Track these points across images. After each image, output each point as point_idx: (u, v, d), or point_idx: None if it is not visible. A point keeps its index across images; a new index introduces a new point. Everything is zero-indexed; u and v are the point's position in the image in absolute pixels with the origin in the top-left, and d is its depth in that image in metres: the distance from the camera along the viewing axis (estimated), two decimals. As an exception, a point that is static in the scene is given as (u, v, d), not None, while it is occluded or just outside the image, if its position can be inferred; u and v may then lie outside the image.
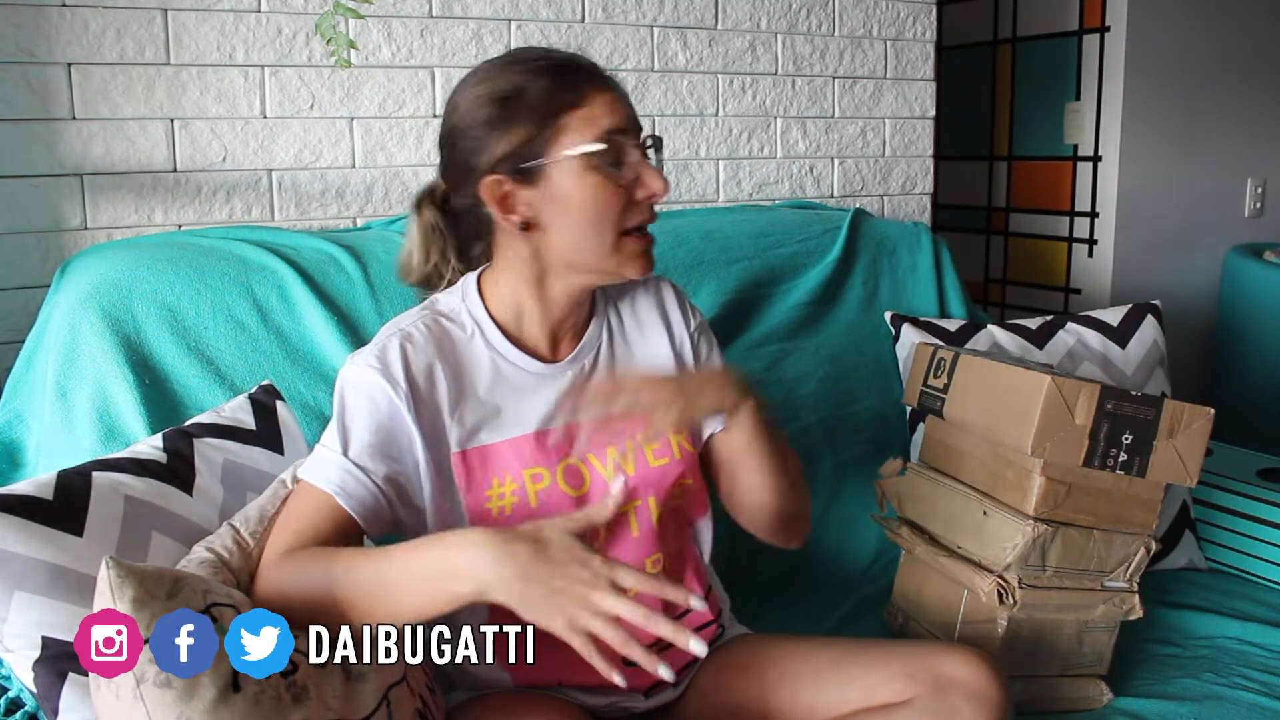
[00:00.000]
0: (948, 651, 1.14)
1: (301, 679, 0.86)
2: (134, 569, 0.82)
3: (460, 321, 1.11)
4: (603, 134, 1.03)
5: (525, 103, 1.03)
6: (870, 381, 1.85)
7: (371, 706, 0.92)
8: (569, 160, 1.02)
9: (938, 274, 2.01)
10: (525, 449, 1.09)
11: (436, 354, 1.07)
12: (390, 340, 1.05)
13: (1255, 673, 1.43)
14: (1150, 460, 1.29)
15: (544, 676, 1.10)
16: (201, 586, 0.86)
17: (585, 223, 1.05)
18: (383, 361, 1.04)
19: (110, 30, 1.52)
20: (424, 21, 1.73)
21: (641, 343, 1.20)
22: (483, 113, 1.04)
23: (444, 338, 1.09)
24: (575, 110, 1.03)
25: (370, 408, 1.03)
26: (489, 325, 1.10)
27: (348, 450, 1.01)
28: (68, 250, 1.52)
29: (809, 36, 2.10)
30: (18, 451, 1.37)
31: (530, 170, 1.03)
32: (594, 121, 1.03)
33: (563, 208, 1.04)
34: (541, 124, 1.02)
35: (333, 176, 1.70)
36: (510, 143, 1.03)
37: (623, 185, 1.05)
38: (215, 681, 0.81)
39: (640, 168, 1.06)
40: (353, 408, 1.03)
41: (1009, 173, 3.01)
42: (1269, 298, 2.68)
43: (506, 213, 1.05)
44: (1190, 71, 2.78)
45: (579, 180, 1.03)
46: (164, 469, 1.07)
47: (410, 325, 1.08)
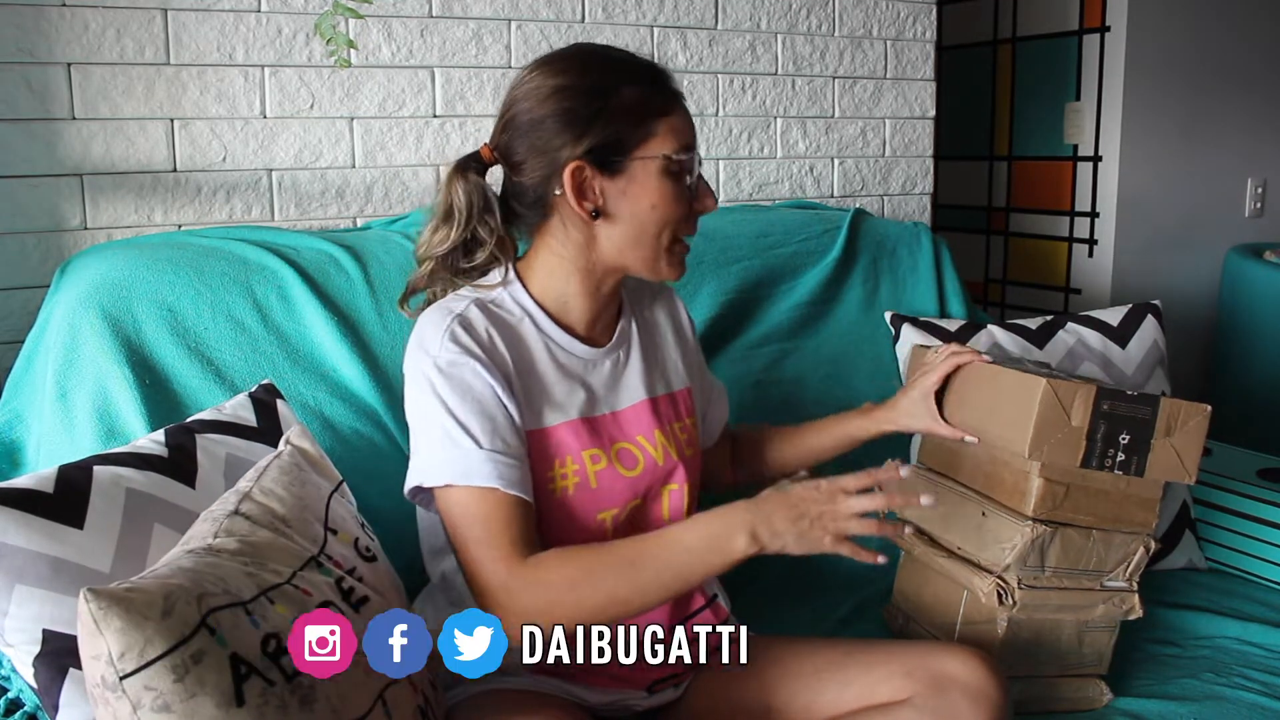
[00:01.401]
0: (947, 651, 1.14)
1: (308, 678, 0.84)
2: (118, 597, 0.77)
3: (506, 307, 1.14)
4: (683, 145, 1.11)
5: (620, 100, 1.08)
6: (870, 381, 1.85)
7: (365, 708, 0.90)
8: (654, 161, 1.09)
9: (938, 274, 2.01)
10: (582, 431, 1.13)
11: (496, 332, 1.10)
12: (454, 326, 1.08)
13: (1255, 673, 1.43)
14: (1148, 459, 1.29)
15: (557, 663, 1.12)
16: (196, 592, 0.81)
17: (653, 221, 1.11)
18: (458, 343, 1.06)
19: (110, 30, 1.52)
20: (424, 21, 1.73)
21: (664, 342, 1.28)
22: (568, 103, 1.08)
23: (496, 318, 1.12)
24: (665, 118, 1.10)
25: (475, 395, 1.05)
26: (537, 310, 1.15)
27: (480, 443, 1.04)
28: (68, 250, 1.52)
29: (809, 36, 2.10)
30: (18, 451, 1.37)
31: (615, 163, 1.09)
32: (679, 133, 1.11)
33: (636, 203, 1.10)
34: (636, 123, 1.09)
35: (333, 176, 1.70)
36: (602, 135, 1.08)
37: (686, 196, 1.12)
38: (215, 698, 0.78)
39: (701, 183, 1.15)
40: (457, 402, 1.05)
41: (1009, 173, 3.01)
42: (1269, 298, 2.68)
43: (581, 199, 1.09)
44: (1190, 71, 2.78)
45: (657, 182, 1.10)
46: (166, 463, 1.07)
47: (461, 309, 1.10)
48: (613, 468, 1.13)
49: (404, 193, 1.75)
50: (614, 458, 1.14)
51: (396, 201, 1.75)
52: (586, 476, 1.12)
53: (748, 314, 1.81)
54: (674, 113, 1.11)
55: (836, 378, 1.83)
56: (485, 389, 1.06)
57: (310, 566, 0.93)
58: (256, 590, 0.86)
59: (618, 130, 1.08)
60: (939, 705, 1.08)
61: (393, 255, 1.54)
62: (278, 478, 1.00)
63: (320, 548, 0.97)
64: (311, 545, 0.96)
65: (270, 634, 0.84)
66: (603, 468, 1.13)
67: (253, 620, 0.83)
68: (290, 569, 0.91)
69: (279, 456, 1.04)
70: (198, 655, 0.78)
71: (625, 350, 1.21)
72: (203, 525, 0.94)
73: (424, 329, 1.09)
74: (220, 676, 0.79)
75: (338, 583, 0.95)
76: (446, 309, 1.10)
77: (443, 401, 1.05)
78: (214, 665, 0.79)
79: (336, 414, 1.41)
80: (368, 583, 0.99)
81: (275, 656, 0.83)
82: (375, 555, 1.04)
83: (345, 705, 0.87)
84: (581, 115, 1.08)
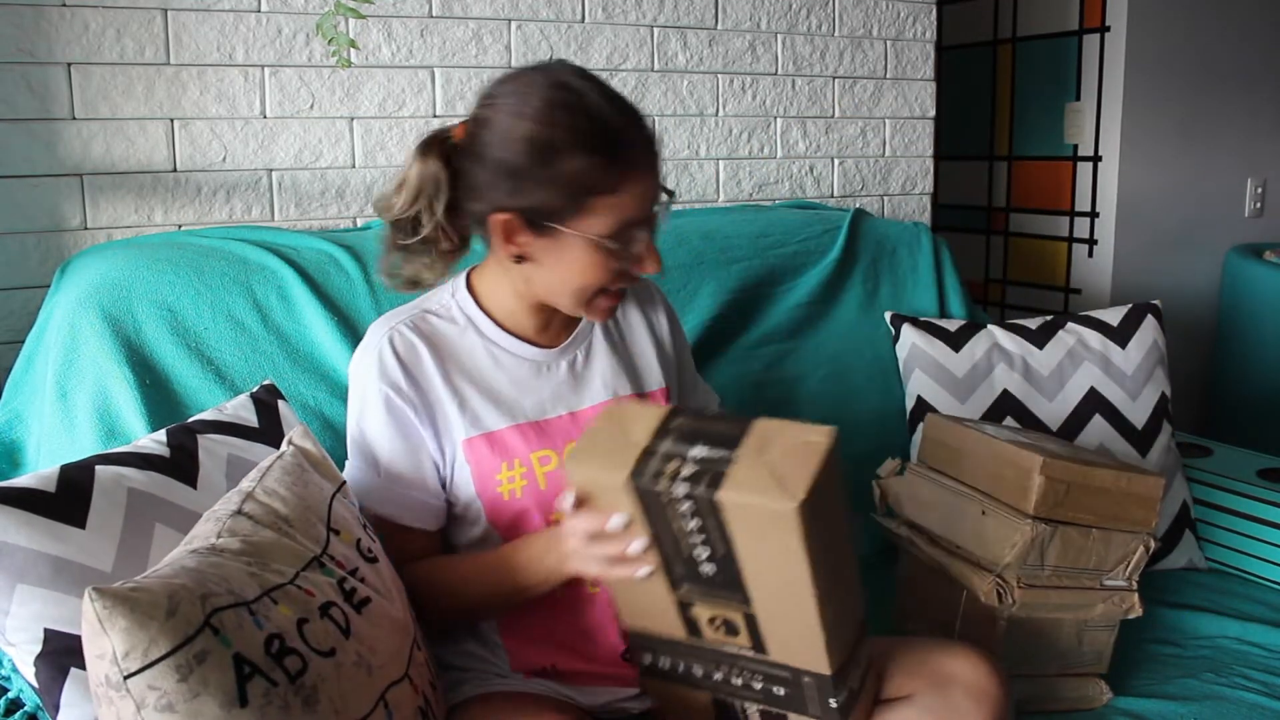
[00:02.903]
0: (948, 649, 1.14)
1: (312, 678, 0.85)
2: (123, 596, 0.78)
3: (450, 316, 1.16)
4: (622, 225, 1.06)
5: (563, 168, 1.02)
6: (870, 381, 1.85)
7: (367, 708, 0.90)
8: (583, 238, 1.05)
9: (938, 274, 2.01)
10: (530, 434, 1.13)
11: (425, 347, 1.12)
12: (383, 345, 1.11)
13: (1255, 673, 1.43)
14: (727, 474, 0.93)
15: (539, 660, 1.16)
16: (200, 592, 0.81)
17: (570, 282, 1.09)
18: (382, 370, 1.10)
19: (110, 30, 1.52)
20: (424, 21, 1.73)
21: (630, 338, 1.26)
22: (519, 155, 1.03)
23: (432, 332, 1.14)
24: (607, 197, 1.04)
25: (379, 422, 1.11)
26: (480, 317, 1.16)
27: (379, 469, 1.12)
28: (68, 250, 1.52)
29: (809, 36, 2.10)
30: (18, 451, 1.37)
31: (545, 228, 1.06)
32: (620, 211, 1.05)
33: (557, 264, 1.08)
34: (571, 197, 1.04)
35: (333, 176, 1.70)
36: (535, 198, 1.04)
37: (621, 263, 1.08)
38: (218, 698, 0.78)
39: (644, 251, 1.09)
40: (367, 425, 1.12)
41: (1009, 173, 3.01)
42: (1269, 298, 2.68)
43: (507, 243, 1.08)
44: (1190, 71, 2.78)
45: (582, 254, 1.06)
46: (167, 462, 1.07)
47: (394, 326, 1.13)
48: (563, 469, 1.12)
49: (404, 193, 1.75)
50: (565, 458, 1.12)
51: (396, 201, 1.75)
52: (535, 478, 1.12)
53: (748, 314, 1.81)
54: (620, 190, 1.04)
55: (836, 378, 1.83)
56: (391, 417, 1.11)
57: (313, 567, 0.94)
58: (260, 590, 0.86)
59: (554, 199, 1.03)
60: (941, 704, 1.08)
61: (393, 255, 1.54)
62: (280, 478, 1.00)
63: (323, 548, 0.97)
64: (314, 545, 0.96)
65: (274, 634, 0.84)
66: (552, 469, 1.13)
67: (256, 620, 0.83)
68: (293, 569, 0.91)
69: (281, 457, 1.04)
70: (201, 655, 0.78)
71: (585, 350, 1.20)
72: (205, 525, 0.94)
73: (363, 343, 1.15)
74: (224, 676, 0.79)
75: (340, 583, 0.95)
76: (384, 326, 1.14)
77: (358, 418, 1.13)
78: (217, 665, 0.79)
79: (336, 414, 1.41)
80: (370, 583, 0.99)
81: (278, 657, 0.83)
82: (377, 556, 1.04)
83: (347, 706, 0.88)
84: (524, 174, 1.03)
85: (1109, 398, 1.79)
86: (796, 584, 0.91)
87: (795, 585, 0.92)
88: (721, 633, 1.00)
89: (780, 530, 0.88)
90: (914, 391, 1.82)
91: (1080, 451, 1.48)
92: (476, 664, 1.16)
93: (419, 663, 1.02)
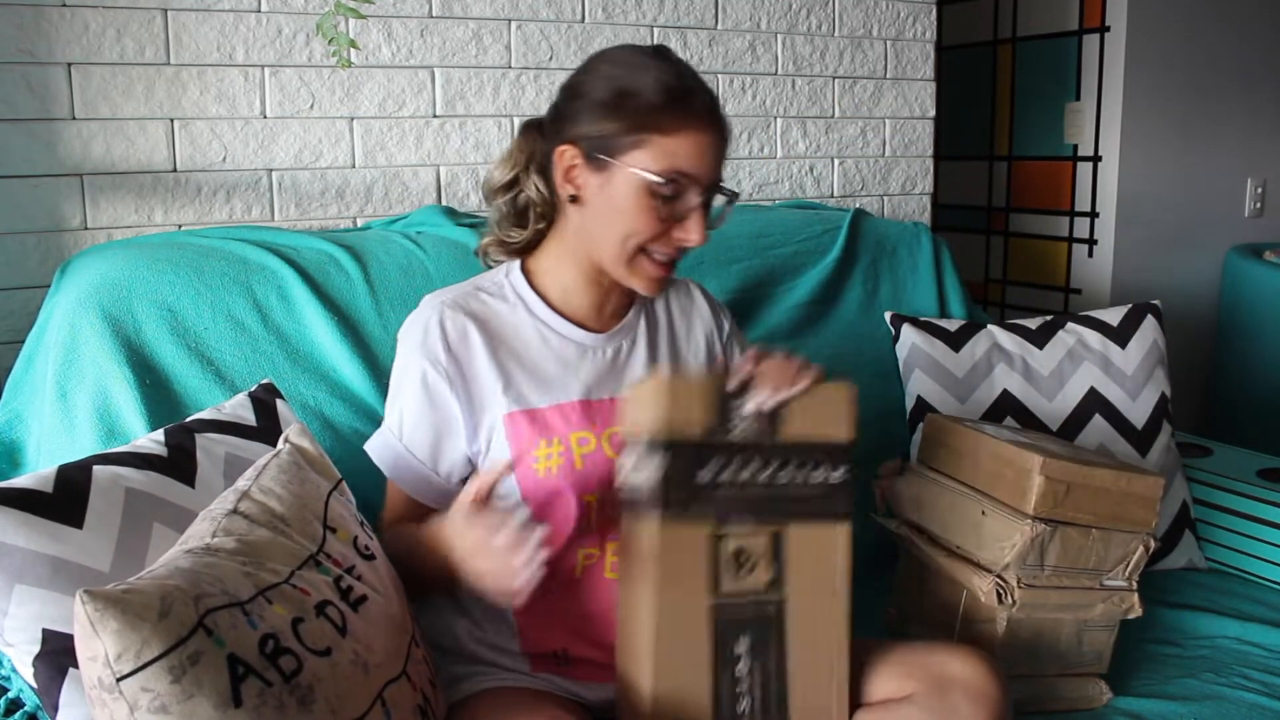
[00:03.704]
0: (947, 650, 1.14)
1: (307, 678, 0.84)
2: (114, 598, 0.77)
3: (502, 294, 1.20)
4: (670, 170, 1.09)
5: (630, 104, 1.09)
6: (870, 381, 1.85)
7: (364, 707, 0.90)
8: (631, 172, 1.09)
9: (938, 274, 2.01)
10: (572, 415, 1.15)
11: (473, 324, 1.15)
12: (430, 317, 1.15)
13: (1255, 673, 1.43)
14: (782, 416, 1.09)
15: (550, 642, 1.16)
16: (193, 593, 0.81)
17: (614, 227, 1.12)
18: (425, 344, 1.14)
19: (110, 30, 1.52)
20: (424, 21, 1.73)
21: (681, 337, 1.29)
22: (599, 91, 1.11)
23: (482, 309, 1.18)
24: (661, 136, 1.09)
25: (413, 391, 1.14)
26: (532, 297, 1.19)
27: (402, 435, 1.15)
28: (68, 250, 1.52)
29: (809, 36, 2.10)
30: (18, 451, 1.37)
31: (599, 160, 1.11)
32: (670, 155, 1.09)
33: (606, 204, 1.12)
34: (630, 130, 1.09)
35: (333, 176, 1.70)
36: (599, 129, 1.10)
37: (665, 220, 1.11)
38: (212, 699, 0.78)
39: (690, 214, 1.12)
40: (401, 388, 1.16)
41: (1009, 173, 3.01)
42: (1269, 298, 2.68)
43: (565, 180, 1.14)
44: (1190, 71, 2.78)
45: (631, 193, 1.10)
46: (165, 462, 1.07)
47: (445, 301, 1.17)
48: (601, 451, 1.15)
49: (404, 193, 1.75)
50: (604, 441, 1.15)
51: (396, 201, 1.75)
52: (572, 458, 1.14)
53: (748, 314, 1.81)
54: (675, 134, 1.08)
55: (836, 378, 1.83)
56: (426, 388, 1.14)
57: (309, 565, 0.93)
58: (254, 590, 0.86)
59: (613, 129, 1.09)
60: (940, 705, 1.08)
61: (393, 255, 1.54)
62: (276, 476, 1.00)
63: (319, 546, 0.97)
64: (310, 544, 0.96)
65: (268, 634, 0.84)
66: (589, 451, 1.14)
67: (250, 621, 0.83)
68: (289, 568, 0.91)
69: (278, 455, 1.04)
70: (195, 656, 0.78)
71: (630, 340, 1.23)
72: (201, 525, 0.94)
73: (413, 314, 1.18)
74: (218, 677, 0.79)
75: (336, 581, 0.95)
76: (436, 300, 1.18)
77: (398, 386, 1.17)
78: (211, 666, 0.79)
79: (336, 414, 1.41)
80: (367, 581, 0.99)
81: (273, 657, 0.83)
82: (374, 554, 1.04)
83: (344, 705, 0.87)
84: (597, 106, 1.10)
85: (1109, 398, 1.79)
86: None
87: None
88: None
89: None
90: (914, 391, 1.82)
91: (1080, 451, 1.48)
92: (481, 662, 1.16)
93: (417, 660, 1.02)
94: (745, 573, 1.06)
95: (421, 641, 1.06)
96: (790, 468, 1.05)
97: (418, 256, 1.55)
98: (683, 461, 1.04)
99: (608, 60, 1.14)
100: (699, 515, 1.05)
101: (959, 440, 1.45)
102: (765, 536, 1.07)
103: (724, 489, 1.06)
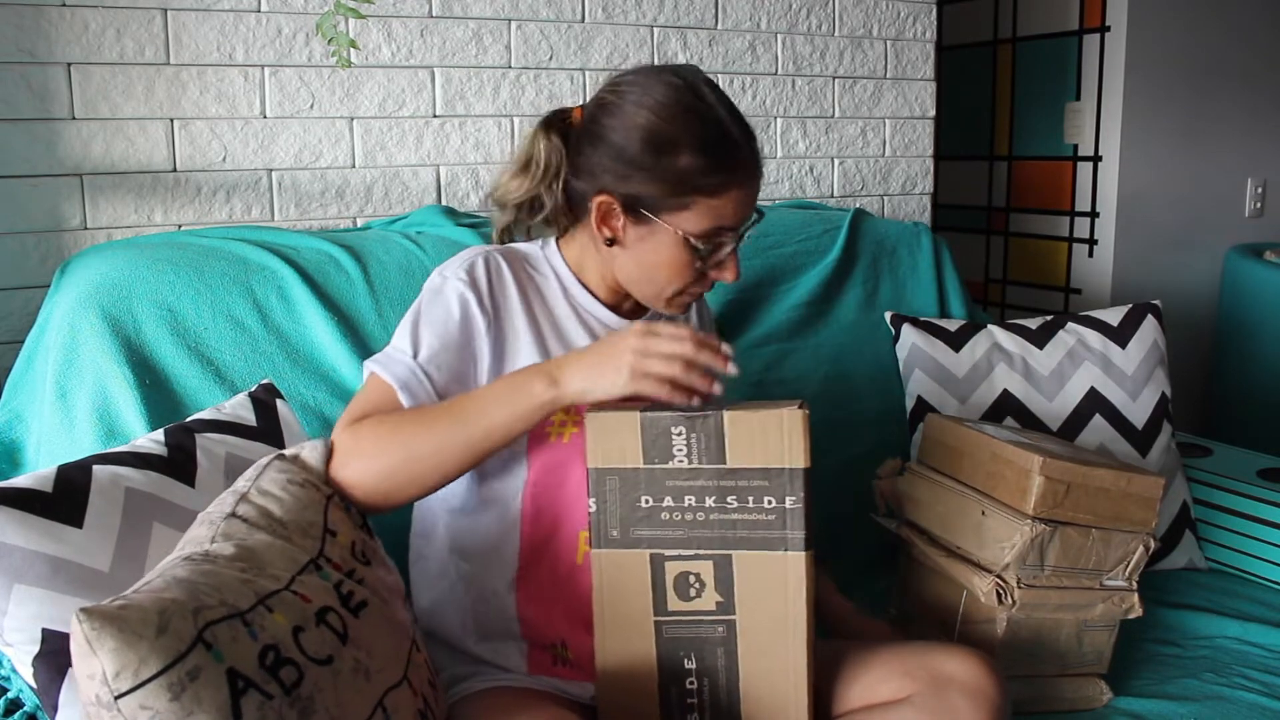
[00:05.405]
0: (946, 650, 1.14)
1: (308, 688, 0.83)
2: (111, 616, 0.76)
3: (537, 265, 1.21)
4: (714, 229, 1.11)
5: (673, 163, 1.09)
6: (870, 381, 1.85)
7: (365, 715, 0.89)
8: (676, 232, 1.10)
9: (938, 274, 2.01)
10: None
11: (512, 278, 1.16)
12: (476, 258, 1.15)
13: (1255, 673, 1.43)
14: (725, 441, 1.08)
15: (550, 633, 1.15)
16: (191, 606, 0.79)
17: (652, 274, 1.14)
18: (471, 275, 1.13)
19: (110, 30, 1.52)
20: (424, 21, 1.73)
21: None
22: (635, 143, 1.10)
23: (521, 269, 1.18)
24: (707, 199, 1.10)
25: (445, 318, 1.11)
26: (566, 273, 1.21)
27: (417, 354, 1.10)
28: (68, 250, 1.52)
29: (809, 36, 2.10)
30: (17, 451, 1.37)
31: (642, 215, 1.11)
32: (715, 215, 1.11)
33: (644, 254, 1.13)
34: (673, 191, 1.09)
35: (333, 176, 1.70)
36: (639, 187, 1.10)
37: (702, 266, 1.14)
38: (212, 714, 0.77)
39: (726, 259, 1.15)
40: (429, 316, 1.12)
41: (1009, 173, 3.01)
42: (1269, 298, 2.68)
43: (602, 224, 1.13)
44: (1190, 71, 2.78)
45: (670, 248, 1.12)
46: (165, 462, 1.07)
47: (490, 252, 1.17)
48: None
49: (404, 193, 1.75)
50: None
51: (396, 201, 1.75)
52: (584, 431, 1.13)
53: (748, 314, 1.81)
54: (720, 195, 1.10)
55: (836, 378, 1.83)
56: (464, 321, 1.11)
57: (309, 570, 0.92)
58: (254, 598, 0.85)
59: (657, 190, 1.09)
60: (939, 706, 1.08)
61: (393, 255, 1.54)
62: (274, 478, 0.99)
63: (319, 550, 0.96)
64: (310, 548, 0.95)
65: (269, 645, 0.82)
66: None
67: (250, 631, 0.82)
68: (288, 574, 0.90)
69: (276, 457, 1.03)
70: (194, 672, 0.77)
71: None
72: (199, 529, 0.93)
73: (447, 261, 1.17)
74: (217, 692, 0.77)
75: (336, 586, 0.93)
76: (477, 249, 1.18)
77: (418, 312, 1.12)
78: (211, 681, 0.77)
79: (336, 414, 1.41)
80: (367, 585, 0.98)
81: (274, 669, 0.82)
82: (374, 558, 1.03)
83: (345, 713, 0.86)
84: (635, 162, 1.09)
85: (1109, 398, 1.79)
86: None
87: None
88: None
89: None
90: (914, 391, 1.82)
91: (1080, 451, 1.48)
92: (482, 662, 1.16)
93: (417, 664, 1.02)
94: (694, 594, 1.07)
95: (422, 645, 1.05)
96: (735, 496, 1.05)
97: (418, 256, 1.55)
98: (624, 490, 1.06)
99: (635, 101, 1.11)
100: (638, 542, 1.07)
101: (959, 440, 1.45)
102: (709, 563, 1.07)
103: (666, 516, 1.06)
